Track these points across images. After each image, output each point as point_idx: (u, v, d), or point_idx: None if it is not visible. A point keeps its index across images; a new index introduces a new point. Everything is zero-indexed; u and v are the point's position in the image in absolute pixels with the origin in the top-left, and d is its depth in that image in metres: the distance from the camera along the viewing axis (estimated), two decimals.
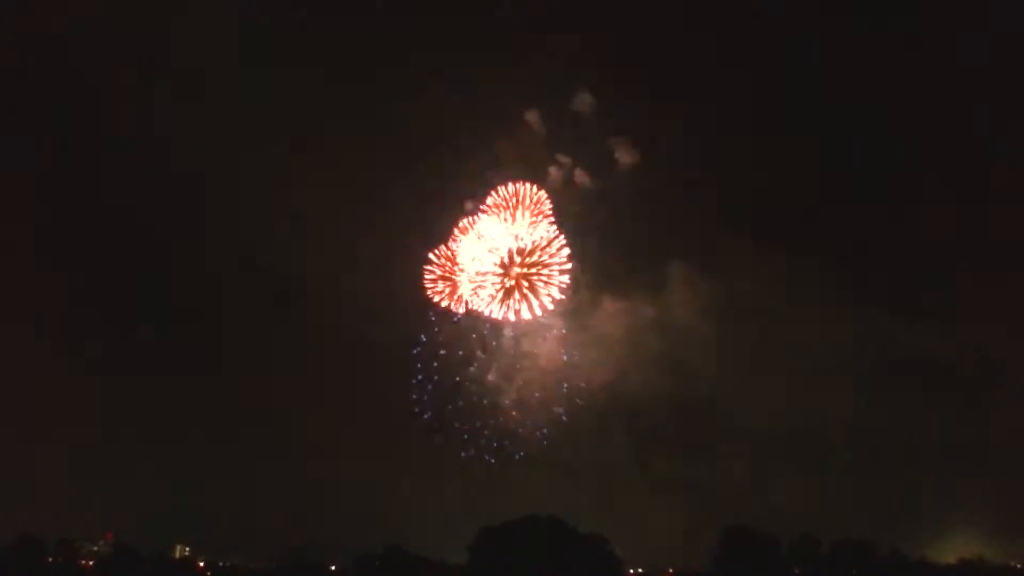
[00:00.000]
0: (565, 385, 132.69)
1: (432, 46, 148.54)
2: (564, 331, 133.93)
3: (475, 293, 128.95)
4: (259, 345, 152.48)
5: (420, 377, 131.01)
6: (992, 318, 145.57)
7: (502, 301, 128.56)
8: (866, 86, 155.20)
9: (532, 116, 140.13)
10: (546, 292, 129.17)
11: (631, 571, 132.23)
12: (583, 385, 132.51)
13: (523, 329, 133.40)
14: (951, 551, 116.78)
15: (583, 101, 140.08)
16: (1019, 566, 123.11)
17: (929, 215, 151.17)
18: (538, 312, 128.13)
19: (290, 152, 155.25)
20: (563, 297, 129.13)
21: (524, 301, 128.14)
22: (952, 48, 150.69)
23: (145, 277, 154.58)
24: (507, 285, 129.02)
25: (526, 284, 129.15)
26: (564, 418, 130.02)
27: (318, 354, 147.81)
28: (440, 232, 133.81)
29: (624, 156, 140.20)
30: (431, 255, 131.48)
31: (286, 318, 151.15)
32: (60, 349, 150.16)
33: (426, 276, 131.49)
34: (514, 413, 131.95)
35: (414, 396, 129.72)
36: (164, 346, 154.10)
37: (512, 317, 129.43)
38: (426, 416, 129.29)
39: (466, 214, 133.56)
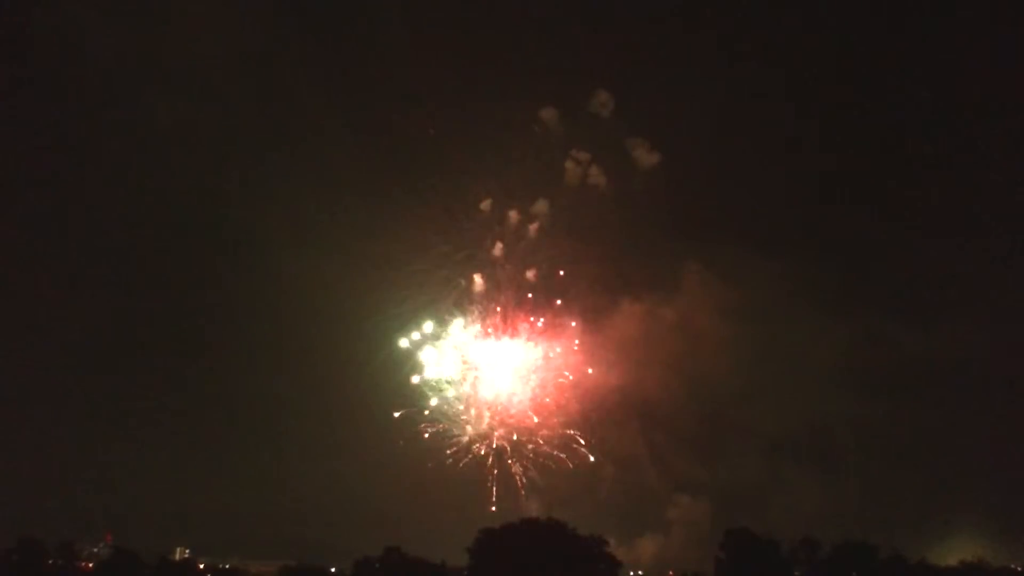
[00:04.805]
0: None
1: (442, 44, 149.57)
2: (580, 331, 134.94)
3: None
4: (260, 346, 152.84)
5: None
6: (993, 319, 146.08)
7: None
8: (868, 87, 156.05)
9: (549, 115, 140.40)
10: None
11: (631, 573, 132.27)
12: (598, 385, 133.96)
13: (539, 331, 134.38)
14: (952, 553, 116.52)
15: (601, 101, 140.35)
16: (1020, 568, 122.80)
17: (929, 216, 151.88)
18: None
19: (293, 152, 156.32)
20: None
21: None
22: (952, 48, 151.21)
23: (144, 277, 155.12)
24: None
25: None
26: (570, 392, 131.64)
27: (319, 357, 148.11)
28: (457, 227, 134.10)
29: (642, 157, 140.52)
30: None
31: (288, 321, 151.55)
32: (58, 351, 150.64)
33: None
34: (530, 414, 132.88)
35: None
36: (164, 348, 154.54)
37: None
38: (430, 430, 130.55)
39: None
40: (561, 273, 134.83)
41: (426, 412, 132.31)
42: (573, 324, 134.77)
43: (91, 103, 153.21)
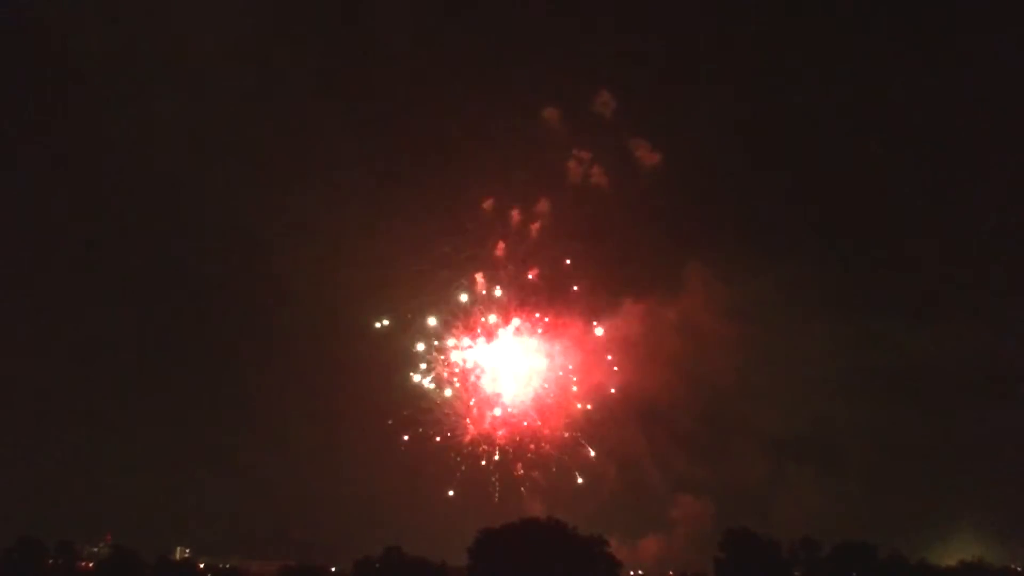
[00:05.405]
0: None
1: (443, 44, 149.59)
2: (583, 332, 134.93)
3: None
4: (260, 347, 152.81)
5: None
6: (993, 319, 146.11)
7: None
8: (869, 87, 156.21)
9: (551, 114, 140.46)
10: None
11: (632, 573, 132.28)
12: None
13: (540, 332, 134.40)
14: (952, 553, 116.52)
15: (603, 101, 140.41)
16: (1020, 568, 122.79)
17: (929, 216, 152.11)
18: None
19: (294, 153, 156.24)
20: None
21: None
22: (954, 50, 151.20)
23: (144, 277, 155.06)
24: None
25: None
26: (589, 406, 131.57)
27: (319, 357, 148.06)
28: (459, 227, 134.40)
29: (644, 157, 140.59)
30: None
31: (288, 321, 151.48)
32: (59, 351, 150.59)
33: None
34: (532, 414, 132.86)
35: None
36: (165, 348, 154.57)
37: None
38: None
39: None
40: (568, 262, 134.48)
41: (428, 412, 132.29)
42: (598, 329, 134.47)
43: (90, 103, 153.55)
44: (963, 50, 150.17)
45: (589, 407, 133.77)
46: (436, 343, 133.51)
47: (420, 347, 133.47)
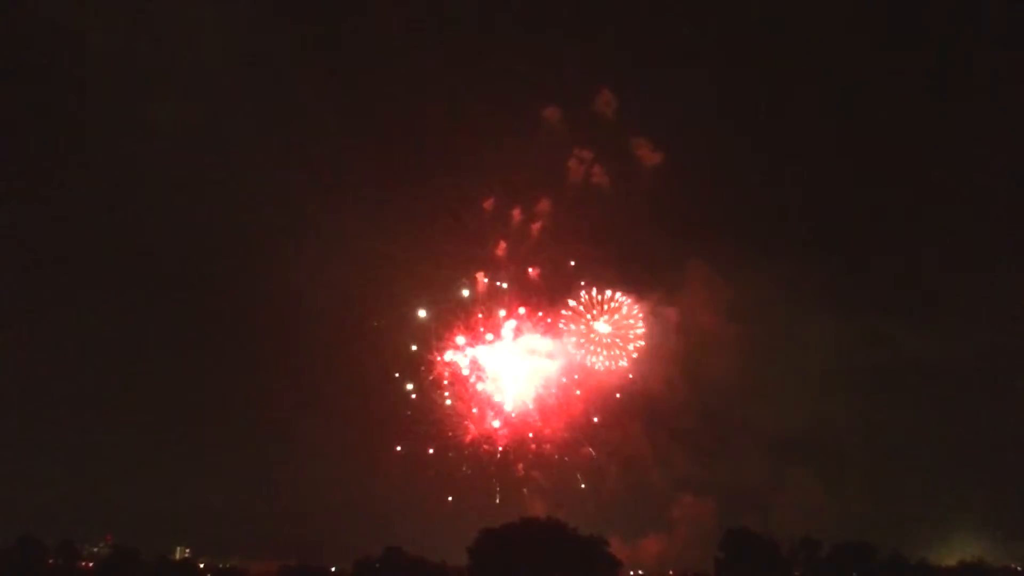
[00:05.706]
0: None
1: (445, 44, 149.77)
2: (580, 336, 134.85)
3: None
4: (261, 348, 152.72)
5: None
6: (993, 320, 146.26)
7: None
8: (870, 88, 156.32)
9: (552, 114, 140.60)
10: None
11: (632, 573, 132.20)
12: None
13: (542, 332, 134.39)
14: (952, 553, 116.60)
15: (605, 101, 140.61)
16: (1020, 568, 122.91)
17: (929, 218, 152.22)
18: None
19: (294, 153, 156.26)
20: None
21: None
22: (952, 51, 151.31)
23: (144, 277, 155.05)
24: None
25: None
26: (596, 419, 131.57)
27: (320, 357, 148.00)
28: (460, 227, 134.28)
29: (645, 156, 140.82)
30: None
31: (288, 321, 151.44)
32: (61, 351, 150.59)
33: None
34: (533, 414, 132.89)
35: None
36: (166, 348, 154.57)
37: None
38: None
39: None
40: (572, 264, 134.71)
41: (428, 413, 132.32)
42: (608, 336, 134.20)
43: (90, 103, 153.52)
44: (963, 51, 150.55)
45: (594, 418, 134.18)
46: (436, 343, 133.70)
47: (421, 348, 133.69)
